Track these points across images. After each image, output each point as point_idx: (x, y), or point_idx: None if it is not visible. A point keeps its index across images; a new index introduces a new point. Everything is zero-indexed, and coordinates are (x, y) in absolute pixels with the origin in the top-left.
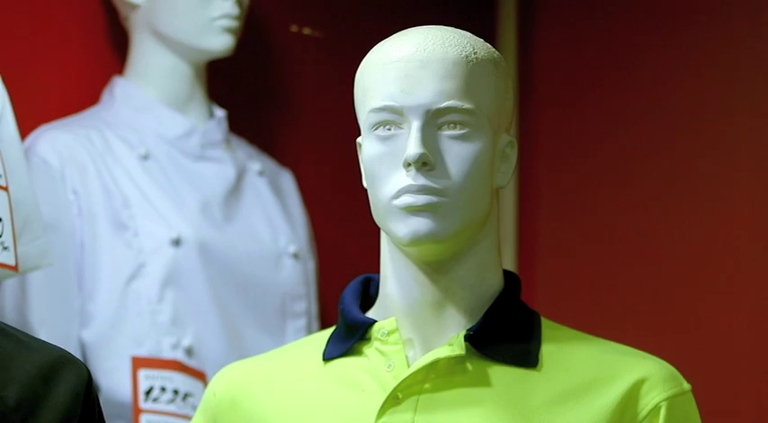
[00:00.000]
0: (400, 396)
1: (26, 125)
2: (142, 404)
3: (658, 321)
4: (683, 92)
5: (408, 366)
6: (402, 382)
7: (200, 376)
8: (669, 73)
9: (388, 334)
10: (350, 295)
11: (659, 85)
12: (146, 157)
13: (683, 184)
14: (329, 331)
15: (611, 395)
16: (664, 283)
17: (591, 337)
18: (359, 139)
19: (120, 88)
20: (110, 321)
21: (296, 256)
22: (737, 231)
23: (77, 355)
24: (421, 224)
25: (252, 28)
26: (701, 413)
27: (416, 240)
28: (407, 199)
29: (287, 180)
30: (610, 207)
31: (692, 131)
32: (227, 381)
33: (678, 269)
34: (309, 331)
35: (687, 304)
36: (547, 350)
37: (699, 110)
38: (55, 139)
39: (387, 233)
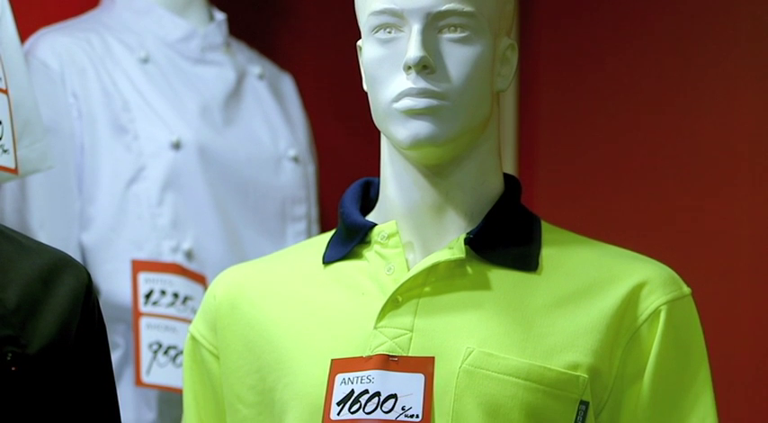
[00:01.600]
0: (400, 299)
1: (26, 28)
2: (142, 307)
3: (658, 225)
4: None
5: (408, 270)
6: (402, 285)
7: (200, 279)
8: None
9: (388, 237)
10: (350, 198)
11: None
12: (146, 61)
13: (686, 89)
14: (329, 234)
15: (610, 299)
16: (664, 187)
17: (591, 240)
18: (359, 43)
19: None
20: (109, 224)
21: (296, 159)
22: (739, 135)
23: (77, 258)
24: (421, 127)
25: None
26: (700, 317)
27: (416, 143)
28: (407, 102)
29: (287, 84)
30: (611, 110)
31: (697, 37)
32: (226, 284)
33: (679, 173)
34: (309, 235)
35: (687, 208)
36: (547, 253)
37: (704, 15)
38: (55, 42)
39: (387, 136)
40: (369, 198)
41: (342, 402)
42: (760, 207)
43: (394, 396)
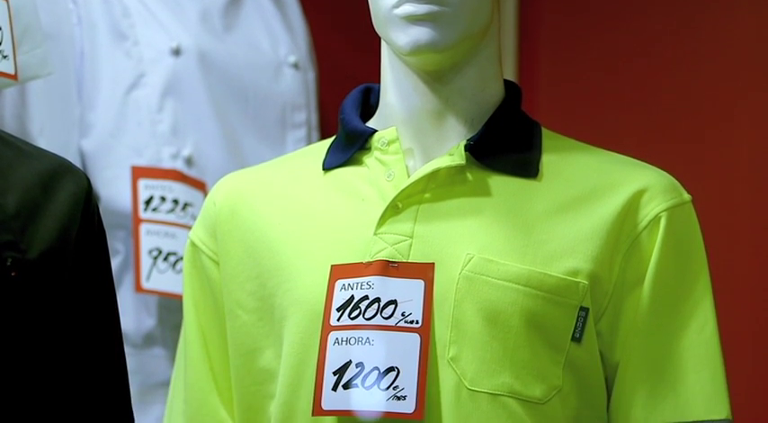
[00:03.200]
0: (400, 205)
1: None
2: (142, 214)
3: (659, 133)
4: None
5: (408, 176)
6: (402, 191)
7: (200, 186)
8: None
9: (389, 143)
10: (350, 105)
11: None
12: None
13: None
14: (329, 141)
15: (611, 205)
16: (665, 95)
17: (592, 147)
18: None
19: None
20: (109, 131)
21: (296, 65)
22: (740, 49)
23: (77, 164)
24: (421, 33)
25: None
26: (700, 224)
27: (417, 49)
28: (408, 8)
29: None
30: (613, 16)
31: None
32: (226, 190)
33: (681, 82)
34: (309, 141)
35: (688, 115)
36: (547, 160)
37: None
38: None
39: (387, 42)
40: (369, 104)
41: (341, 308)
42: (762, 114)
43: (394, 302)
